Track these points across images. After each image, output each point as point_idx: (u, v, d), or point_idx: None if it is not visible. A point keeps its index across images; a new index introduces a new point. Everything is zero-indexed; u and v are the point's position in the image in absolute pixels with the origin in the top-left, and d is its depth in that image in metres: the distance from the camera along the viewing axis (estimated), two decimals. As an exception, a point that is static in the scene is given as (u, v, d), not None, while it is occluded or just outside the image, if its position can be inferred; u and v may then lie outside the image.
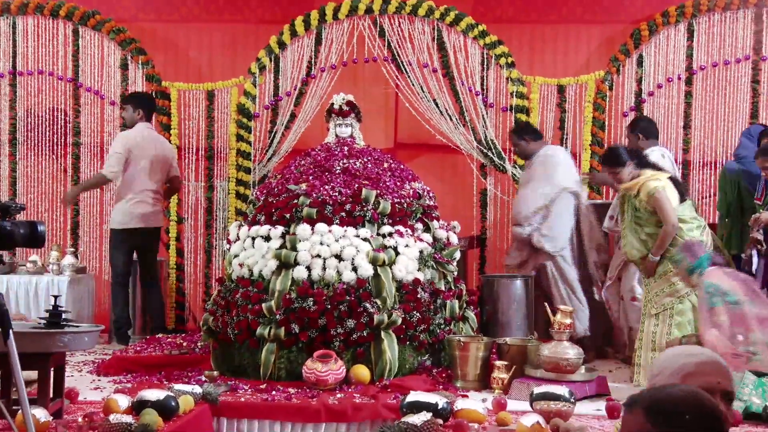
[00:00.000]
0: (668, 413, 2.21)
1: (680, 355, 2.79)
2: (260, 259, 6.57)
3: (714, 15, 8.83)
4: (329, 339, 6.25)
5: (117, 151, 8.30)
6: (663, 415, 2.21)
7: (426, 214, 7.05)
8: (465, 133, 8.85)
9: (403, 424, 4.92)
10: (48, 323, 5.08)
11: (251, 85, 9.07)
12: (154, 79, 9.26)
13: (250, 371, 6.42)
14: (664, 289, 6.55)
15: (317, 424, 5.58)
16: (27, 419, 4.09)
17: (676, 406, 2.21)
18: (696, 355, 2.78)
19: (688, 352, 2.82)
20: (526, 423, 4.90)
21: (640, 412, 2.24)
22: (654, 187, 6.48)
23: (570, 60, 9.35)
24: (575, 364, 6.12)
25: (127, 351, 7.47)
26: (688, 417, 2.19)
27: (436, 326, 6.61)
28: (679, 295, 6.48)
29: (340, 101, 7.65)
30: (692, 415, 2.19)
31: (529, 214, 7.74)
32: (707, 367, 2.73)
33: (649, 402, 2.24)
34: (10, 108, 9.43)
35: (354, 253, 6.44)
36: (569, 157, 8.17)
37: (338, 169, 7.00)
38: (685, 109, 8.85)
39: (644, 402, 2.25)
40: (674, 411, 2.20)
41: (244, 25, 9.64)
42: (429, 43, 8.93)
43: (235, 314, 6.48)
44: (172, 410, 5.08)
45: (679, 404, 2.22)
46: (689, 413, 2.19)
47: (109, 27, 9.29)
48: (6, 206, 4.16)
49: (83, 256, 9.25)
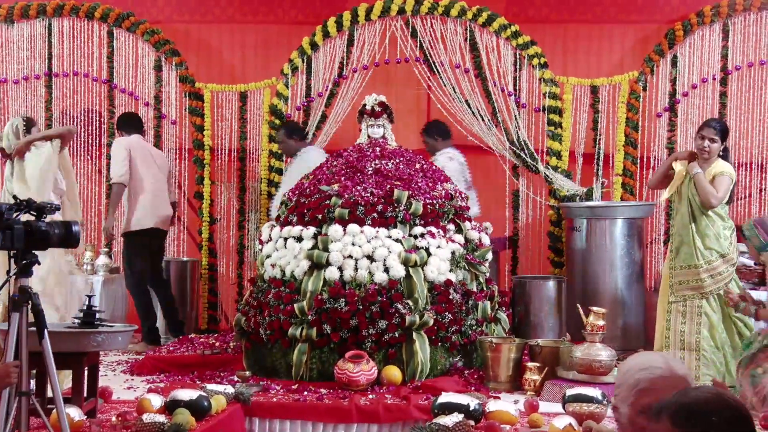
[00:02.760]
0: (695, 416, 2.20)
1: (636, 369, 2.76)
2: (292, 259, 6.58)
3: (750, 15, 8.74)
4: (361, 340, 6.26)
5: (118, 154, 8.31)
6: (691, 419, 2.20)
7: (458, 214, 7.04)
8: (497, 133, 8.82)
9: (434, 425, 4.91)
10: (82, 323, 5.13)
11: (284, 86, 9.10)
12: (188, 81, 9.32)
13: (282, 371, 6.43)
14: (690, 281, 6.53)
15: (349, 424, 5.58)
16: (61, 418, 4.13)
17: (702, 409, 2.21)
18: (650, 369, 2.73)
19: (644, 365, 2.75)
20: (558, 425, 4.88)
21: (667, 420, 2.23)
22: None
23: (603, 60, 9.30)
24: (608, 365, 6.08)
25: (160, 351, 7.52)
26: (715, 419, 2.19)
27: (467, 327, 6.60)
28: (702, 291, 6.47)
29: (372, 102, 7.65)
30: (719, 416, 2.19)
31: None
32: (662, 383, 2.69)
33: (675, 408, 2.24)
34: (45, 109, 9.52)
35: (386, 253, 6.44)
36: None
37: (370, 170, 7.00)
38: (720, 109, 8.76)
39: (670, 409, 2.24)
40: (701, 414, 2.20)
41: (276, 26, 9.67)
42: (461, 44, 8.91)
43: (267, 315, 6.50)
44: (205, 410, 5.10)
45: (706, 406, 2.21)
46: (716, 415, 2.19)
47: (143, 28, 9.35)
48: (41, 206, 4.20)
49: (117, 257, 9.31)
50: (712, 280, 6.51)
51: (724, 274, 6.51)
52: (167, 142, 9.40)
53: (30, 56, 9.55)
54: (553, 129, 8.76)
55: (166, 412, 5.08)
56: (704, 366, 6.37)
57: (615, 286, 7.96)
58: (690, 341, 6.50)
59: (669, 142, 8.80)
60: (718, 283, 6.51)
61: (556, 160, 8.72)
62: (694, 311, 6.55)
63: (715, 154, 6.63)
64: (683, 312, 6.56)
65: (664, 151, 8.80)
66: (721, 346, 6.50)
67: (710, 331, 6.52)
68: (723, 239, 6.52)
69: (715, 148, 6.63)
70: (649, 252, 8.74)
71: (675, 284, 6.62)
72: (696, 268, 6.52)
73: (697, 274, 6.51)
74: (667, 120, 8.84)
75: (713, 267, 6.52)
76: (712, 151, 6.63)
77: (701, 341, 6.50)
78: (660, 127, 8.86)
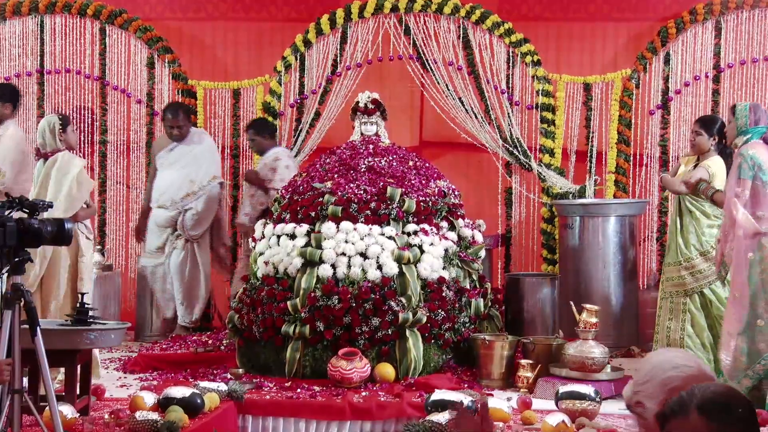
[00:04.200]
0: (726, 409, 2.24)
1: (667, 367, 2.79)
2: (285, 257, 6.58)
3: (742, 12, 8.75)
4: (354, 337, 6.26)
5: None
6: (721, 411, 2.24)
7: (451, 212, 7.04)
8: (490, 131, 8.82)
9: (427, 422, 4.92)
10: (75, 321, 5.12)
11: (277, 83, 9.08)
12: (181, 78, 9.30)
13: (275, 369, 6.43)
14: (674, 278, 6.59)
15: (342, 422, 5.59)
16: (54, 415, 4.13)
17: (729, 402, 2.26)
18: (682, 368, 2.77)
19: (676, 364, 2.80)
20: (551, 422, 4.90)
21: (695, 414, 2.26)
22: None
23: (596, 58, 9.30)
24: (600, 363, 6.09)
25: (153, 348, 7.52)
26: (741, 410, 2.24)
27: (461, 325, 6.60)
28: (685, 288, 6.51)
29: (365, 99, 7.65)
30: (743, 407, 2.25)
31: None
32: (695, 381, 2.69)
33: (701, 402, 2.27)
34: (37, 106, 9.49)
35: (379, 251, 6.44)
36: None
37: (363, 168, 7.00)
38: (713, 107, 8.76)
39: (698, 403, 2.27)
40: (729, 406, 2.25)
41: (270, 23, 9.66)
42: (454, 41, 8.90)
43: (260, 312, 6.50)
44: (198, 408, 5.11)
45: (730, 399, 2.27)
46: (741, 406, 2.25)
47: (136, 26, 9.33)
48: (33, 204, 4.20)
49: (110, 254, 9.30)
50: (692, 278, 6.54)
51: (705, 272, 6.52)
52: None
53: (22, 53, 9.50)
54: (546, 126, 8.76)
55: (159, 410, 5.09)
56: None
57: (608, 284, 7.97)
58: (675, 338, 6.54)
59: (662, 140, 8.81)
60: (700, 281, 6.55)
61: (549, 157, 8.73)
62: (679, 308, 6.59)
63: (704, 148, 6.67)
64: (670, 308, 6.63)
65: (657, 148, 8.82)
66: (707, 344, 6.53)
67: (695, 329, 6.55)
68: (707, 237, 6.54)
69: (701, 141, 6.67)
70: (642, 249, 8.75)
71: (664, 281, 6.68)
72: (677, 265, 6.57)
73: (678, 271, 6.56)
74: (659, 117, 8.85)
75: (693, 265, 6.55)
76: (698, 143, 6.69)
77: (686, 338, 6.53)
78: (653, 125, 8.86)
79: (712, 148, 6.66)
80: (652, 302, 7.59)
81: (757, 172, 5.68)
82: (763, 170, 5.68)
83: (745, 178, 5.71)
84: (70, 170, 6.52)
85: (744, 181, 5.72)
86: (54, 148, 6.57)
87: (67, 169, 6.52)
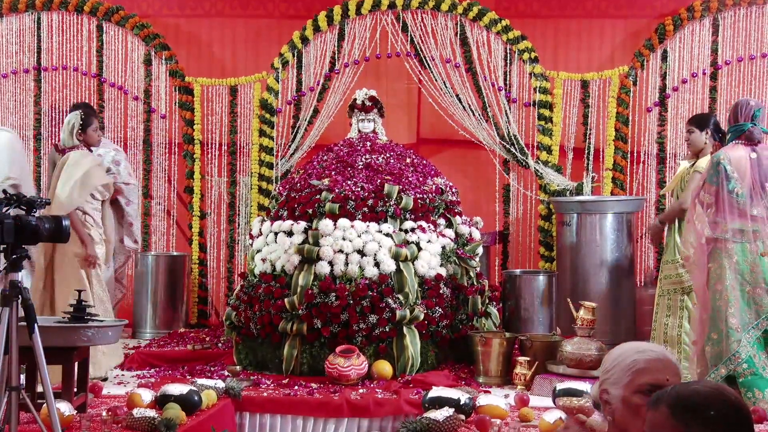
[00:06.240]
0: (693, 409, 2.21)
1: (631, 352, 2.83)
2: (283, 254, 6.58)
3: (739, 10, 8.75)
4: (351, 334, 6.26)
5: None
6: (688, 411, 2.21)
7: (449, 209, 7.04)
8: (488, 128, 8.82)
9: (425, 419, 4.92)
10: (72, 318, 5.12)
11: (274, 80, 9.08)
12: (178, 75, 9.29)
13: (273, 366, 6.43)
14: (671, 275, 6.59)
15: (339, 419, 5.58)
16: (52, 413, 4.12)
17: (701, 403, 2.21)
18: (646, 352, 2.81)
19: (640, 348, 2.84)
20: (548, 419, 4.90)
21: (665, 410, 2.24)
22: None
23: (594, 55, 9.30)
24: (598, 360, 6.09)
25: (151, 346, 7.51)
26: (713, 413, 2.19)
27: (458, 322, 6.61)
28: (683, 286, 6.52)
29: (362, 96, 7.65)
30: (717, 411, 2.19)
31: None
32: (658, 364, 2.78)
33: (674, 399, 2.24)
34: (34, 103, 9.48)
35: (376, 248, 6.44)
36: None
37: (361, 165, 7.00)
38: (710, 104, 8.77)
39: (669, 399, 2.25)
40: (699, 407, 2.20)
41: (267, 20, 9.65)
42: (452, 39, 8.90)
43: (257, 309, 6.50)
44: (195, 405, 5.10)
45: (704, 400, 2.22)
46: (714, 409, 2.19)
47: (133, 22, 9.31)
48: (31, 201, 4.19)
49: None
50: (689, 276, 6.54)
51: None
52: (157, 136, 9.36)
53: (19, 50, 9.49)
54: (543, 124, 8.76)
55: (156, 407, 5.08)
56: (685, 360, 6.39)
57: (605, 281, 7.97)
58: (672, 335, 6.54)
59: (659, 137, 8.82)
60: None
61: (546, 154, 8.73)
62: (677, 305, 6.59)
63: (699, 144, 6.67)
64: (668, 305, 6.63)
65: (654, 145, 8.83)
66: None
67: (692, 325, 6.55)
68: None
69: (695, 138, 6.69)
70: (639, 247, 8.76)
71: (662, 279, 6.69)
72: (674, 263, 6.58)
73: (676, 269, 6.57)
74: (657, 114, 8.85)
75: None
76: (693, 141, 6.70)
77: (683, 335, 6.54)
78: (650, 122, 8.87)
79: (708, 143, 6.66)
80: (649, 299, 7.61)
81: (722, 179, 5.71)
82: (730, 179, 5.70)
83: (711, 184, 5.77)
84: (77, 169, 6.62)
85: (709, 186, 5.77)
86: (70, 145, 6.74)
87: (74, 167, 6.64)
